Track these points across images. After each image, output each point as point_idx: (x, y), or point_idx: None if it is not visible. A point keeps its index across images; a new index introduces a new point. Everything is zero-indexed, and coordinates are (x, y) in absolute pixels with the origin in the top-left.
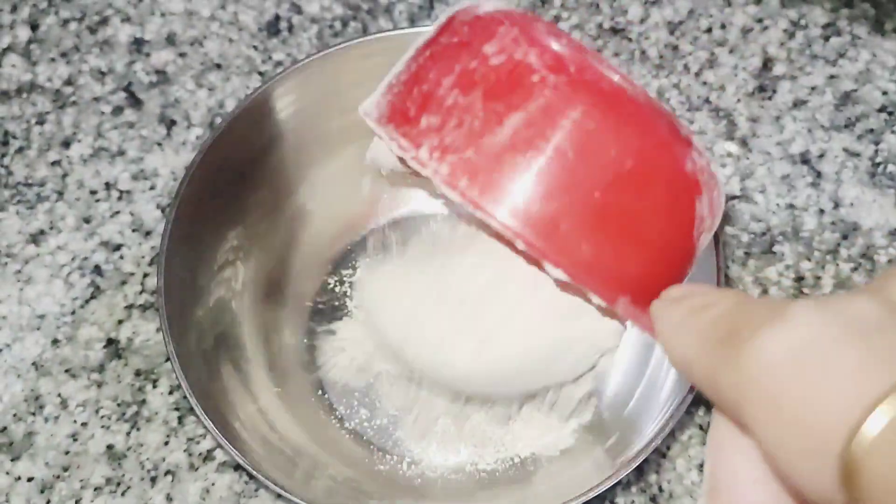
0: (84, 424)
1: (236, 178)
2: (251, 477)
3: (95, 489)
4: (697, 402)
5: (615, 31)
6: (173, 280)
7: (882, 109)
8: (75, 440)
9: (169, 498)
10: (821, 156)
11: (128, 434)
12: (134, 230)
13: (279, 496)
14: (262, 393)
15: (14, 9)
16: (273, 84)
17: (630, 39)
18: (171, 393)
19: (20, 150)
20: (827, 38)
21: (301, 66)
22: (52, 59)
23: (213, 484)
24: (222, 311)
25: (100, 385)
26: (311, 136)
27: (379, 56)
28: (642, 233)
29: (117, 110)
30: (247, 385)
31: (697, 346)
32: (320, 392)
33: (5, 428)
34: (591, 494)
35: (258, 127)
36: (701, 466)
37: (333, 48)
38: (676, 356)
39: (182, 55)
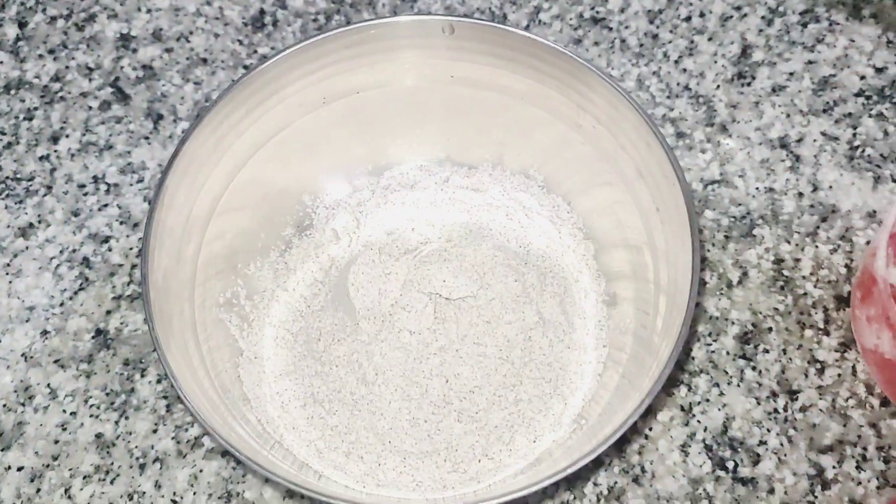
0: (73, 414)
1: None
2: (238, 463)
3: (85, 477)
4: (677, 382)
5: (595, 20)
6: (158, 269)
7: (860, 94)
8: (65, 429)
9: (158, 485)
10: (799, 140)
11: (116, 423)
12: (122, 223)
13: (267, 481)
14: (248, 378)
15: (2, 7)
16: (255, 74)
17: (610, 28)
18: (158, 382)
19: (9, 145)
20: (805, 25)
21: (283, 57)
22: (40, 56)
23: (200, 470)
24: (206, 299)
25: (89, 375)
26: (295, 124)
27: (359, 46)
28: None
29: (105, 105)
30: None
31: None
32: None
33: None
34: (568, 471)
35: (241, 116)
36: (682, 447)
37: (314, 38)
38: None
39: (168, 50)
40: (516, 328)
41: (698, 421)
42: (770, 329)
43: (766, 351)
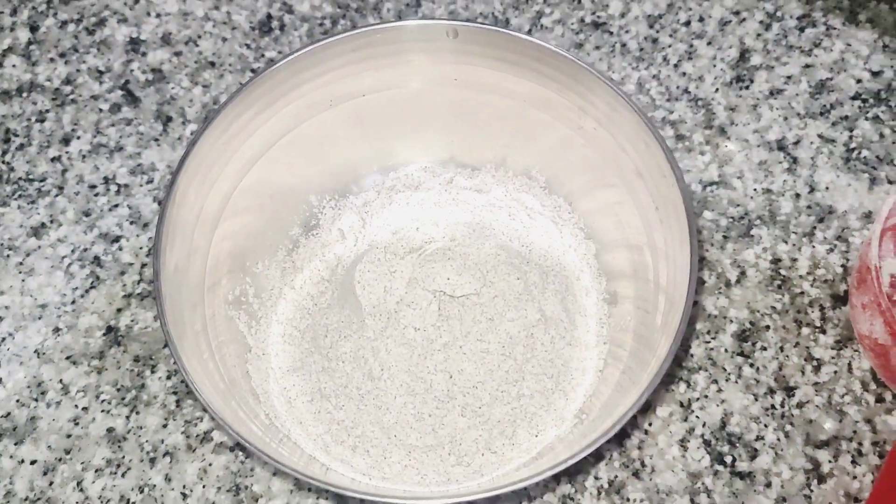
0: (85, 409)
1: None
2: (247, 456)
3: (96, 471)
4: (676, 379)
5: (596, 25)
6: (169, 266)
7: (856, 97)
8: (77, 424)
9: (168, 478)
10: (797, 142)
11: (127, 417)
12: (132, 222)
13: (275, 474)
14: (256, 374)
15: (14, 11)
16: (264, 77)
17: (611, 33)
18: (168, 378)
19: (21, 146)
20: (802, 29)
21: (291, 60)
22: (52, 60)
23: (210, 464)
24: (216, 296)
25: (100, 371)
26: (303, 126)
27: (365, 49)
28: None
29: (115, 108)
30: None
31: None
32: None
33: (9, 413)
34: (569, 463)
35: (250, 118)
36: (681, 442)
37: (322, 41)
38: None
39: (177, 54)
40: (519, 325)
41: (697, 416)
42: (767, 327)
43: (764, 348)
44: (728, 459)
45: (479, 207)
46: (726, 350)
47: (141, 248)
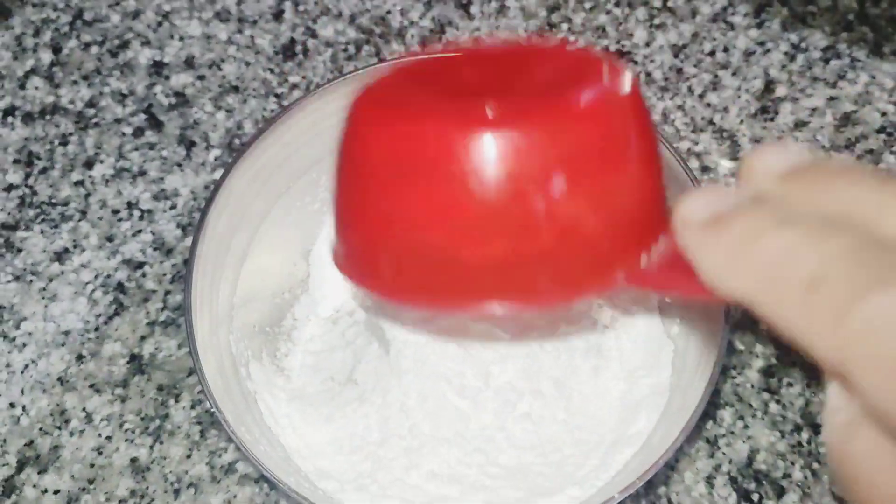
0: (108, 438)
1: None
2: (272, 489)
3: (120, 501)
4: (705, 417)
5: (621, 53)
6: (198, 295)
7: (881, 130)
8: (100, 453)
9: None
10: None
11: (151, 447)
12: (155, 248)
13: None
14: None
15: (36, 32)
16: (294, 109)
17: (636, 62)
18: (192, 407)
19: (44, 170)
20: (827, 61)
21: (321, 92)
22: (75, 82)
23: (234, 496)
24: (243, 325)
25: (123, 399)
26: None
27: None
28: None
29: (138, 132)
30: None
31: (767, 289)
32: None
33: (32, 441)
34: None
35: (279, 149)
36: (708, 479)
37: (350, 74)
38: (736, 294)
39: (200, 78)
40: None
41: (723, 453)
42: (794, 363)
43: (790, 385)
44: (755, 497)
45: None
46: (752, 386)
47: (164, 274)
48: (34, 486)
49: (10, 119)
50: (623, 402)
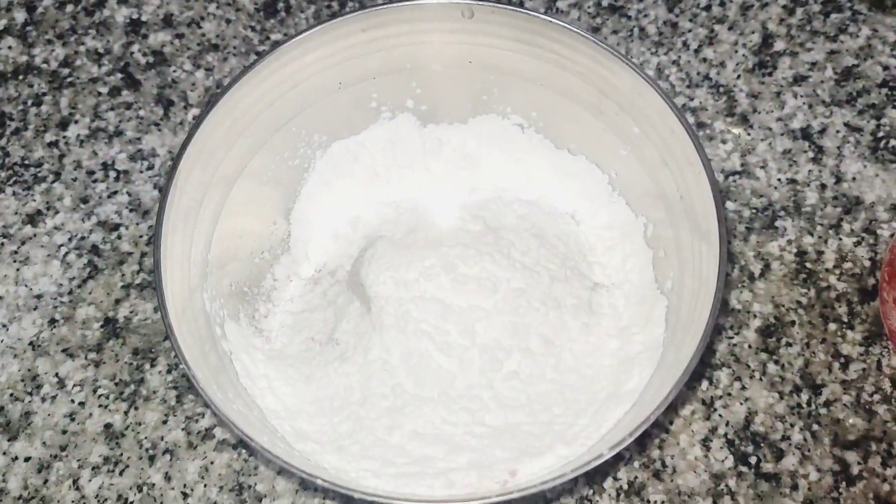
0: (82, 404)
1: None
2: (251, 454)
3: (93, 468)
4: (701, 378)
5: (613, 8)
6: (169, 252)
7: (883, 84)
8: (73, 420)
9: (167, 477)
10: (822, 131)
11: (126, 413)
12: (131, 210)
13: (280, 472)
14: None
15: None
16: (269, 58)
17: (629, 17)
18: (169, 372)
19: (17, 131)
20: (827, 14)
21: (299, 40)
22: (49, 41)
23: (211, 462)
24: (219, 287)
25: (97, 364)
26: (310, 109)
27: (375, 30)
28: None
29: (114, 91)
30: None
31: None
32: None
33: (2, 408)
34: (589, 467)
35: (255, 100)
36: (704, 442)
37: (330, 21)
38: None
39: (179, 36)
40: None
41: (720, 415)
42: (793, 322)
43: (789, 344)
44: (752, 460)
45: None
46: (750, 346)
47: (141, 236)
48: (4, 453)
49: None
50: (615, 359)
